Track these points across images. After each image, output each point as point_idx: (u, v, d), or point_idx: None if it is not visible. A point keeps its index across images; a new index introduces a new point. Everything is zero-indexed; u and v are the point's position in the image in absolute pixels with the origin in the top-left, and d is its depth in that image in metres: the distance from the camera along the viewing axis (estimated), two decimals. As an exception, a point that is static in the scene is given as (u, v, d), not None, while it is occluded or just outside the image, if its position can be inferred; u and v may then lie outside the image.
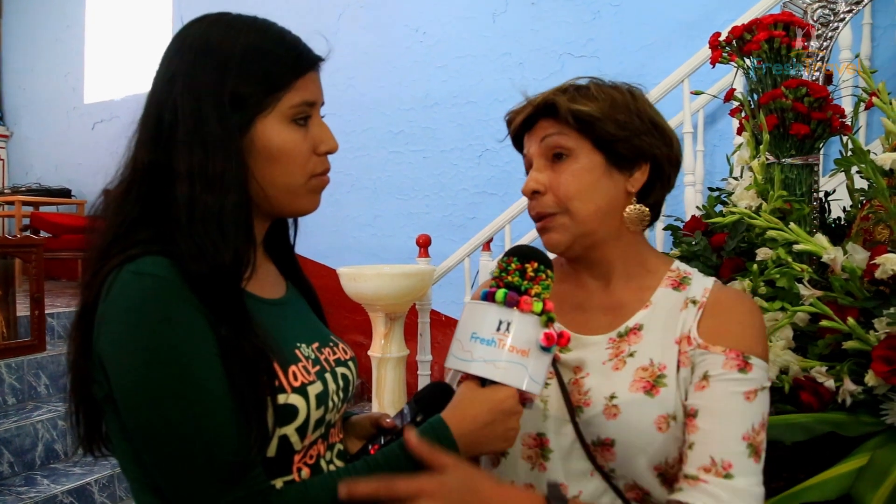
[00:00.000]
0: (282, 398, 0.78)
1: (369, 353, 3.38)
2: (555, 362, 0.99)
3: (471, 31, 4.34)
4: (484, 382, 0.84)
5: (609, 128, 0.95)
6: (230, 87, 0.79)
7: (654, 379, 0.92)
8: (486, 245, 3.74)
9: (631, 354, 0.95)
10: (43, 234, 5.51)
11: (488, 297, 0.85)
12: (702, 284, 0.99)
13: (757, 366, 0.91)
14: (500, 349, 0.82)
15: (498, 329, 0.82)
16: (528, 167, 1.02)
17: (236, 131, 0.80)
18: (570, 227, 0.97)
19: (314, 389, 0.82)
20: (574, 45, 3.98)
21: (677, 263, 1.04)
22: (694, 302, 0.97)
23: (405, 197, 4.59)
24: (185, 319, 0.73)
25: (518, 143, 1.06)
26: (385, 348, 3.32)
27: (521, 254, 0.86)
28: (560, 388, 0.97)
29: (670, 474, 0.91)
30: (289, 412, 0.79)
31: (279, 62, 0.82)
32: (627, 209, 0.99)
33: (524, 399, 0.95)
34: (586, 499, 0.93)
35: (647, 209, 1.00)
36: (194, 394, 0.72)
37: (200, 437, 0.72)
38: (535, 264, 0.85)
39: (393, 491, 0.74)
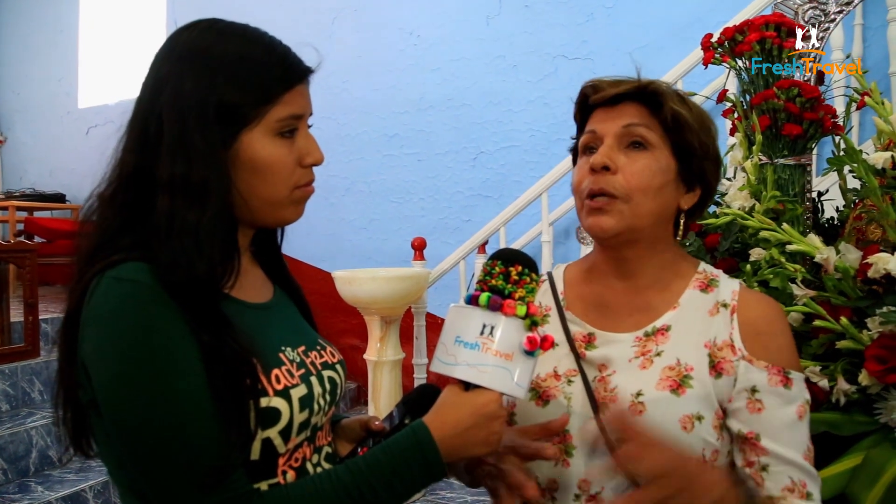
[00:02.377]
0: (264, 401, 0.78)
1: (365, 356, 3.38)
2: (579, 360, 0.99)
3: (465, 33, 4.34)
4: (468, 386, 0.83)
5: (694, 140, 0.96)
6: (217, 98, 0.79)
7: (680, 378, 0.92)
8: (482, 248, 3.75)
9: (658, 354, 0.95)
10: (37, 239, 5.48)
11: (472, 300, 0.84)
12: (729, 287, 0.99)
13: (796, 380, 0.92)
14: (484, 353, 0.81)
15: (482, 333, 0.82)
16: (591, 141, 0.99)
17: (220, 143, 0.79)
18: (626, 217, 0.95)
19: (297, 392, 0.82)
20: (568, 48, 3.99)
21: (703, 265, 1.04)
22: (725, 305, 0.97)
23: (400, 200, 4.58)
24: (165, 324, 0.73)
25: (585, 111, 1.03)
26: (381, 352, 3.31)
27: (506, 257, 0.85)
28: (584, 386, 0.96)
29: None
30: (271, 415, 0.79)
31: (268, 74, 0.81)
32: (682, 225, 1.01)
33: (547, 395, 0.94)
34: (609, 496, 0.93)
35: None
36: (174, 398, 0.72)
37: (180, 441, 0.72)
38: (520, 267, 0.84)
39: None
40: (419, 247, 3.69)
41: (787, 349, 0.95)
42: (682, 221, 1.01)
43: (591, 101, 1.01)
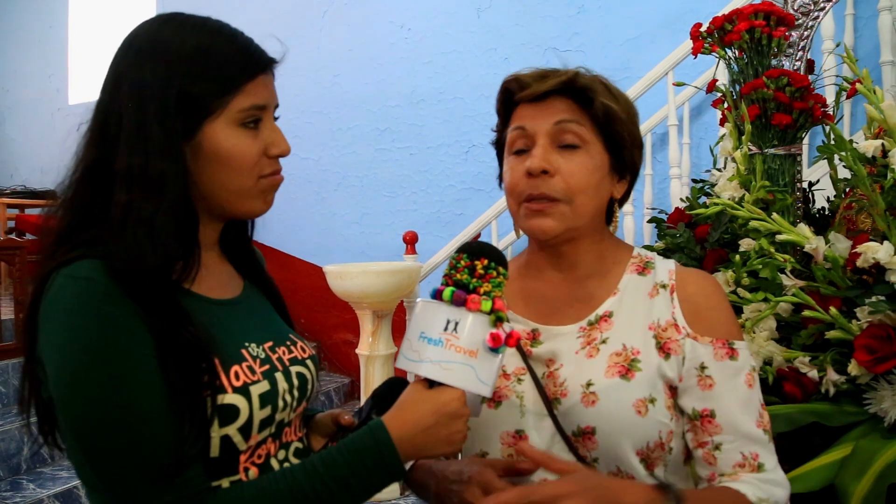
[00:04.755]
0: (221, 398, 0.77)
1: (357, 351, 3.37)
2: (526, 357, 0.97)
3: (456, 26, 4.32)
4: (431, 384, 0.81)
5: (624, 132, 0.96)
6: (176, 89, 0.78)
7: (628, 363, 0.92)
8: (474, 241, 3.73)
9: (603, 341, 0.95)
10: (28, 236, 5.46)
11: (437, 295, 0.82)
12: (665, 267, 1.00)
13: (740, 349, 0.94)
14: (448, 349, 0.79)
15: (446, 329, 0.79)
16: (521, 138, 0.97)
17: (179, 134, 0.78)
18: (568, 219, 0.94)
19: (258, 389, 0.81)
20: (559, 40, 3.97)
21: (638, 249, 1.05)
22: (664, 286, 0.97)
23: (392, 194, 4.57)
24: (118, 322, 0.72)
25: (509, 105, 1.01)
26: (373, 346, 3.30)
27: (472, 250, 0.83)
28: (534, 383, 0.95)
29: (652, 458, 0.91)
30: (229, 412, 0.78)
31: (229, 65, 0.81)
32: (616, 216, 1.02)
33: (498, 396, 0.93)
34: None
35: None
36: (125, 395, 0.72)
37: (133, 438, 0.71)
38: (485, 261, 0.82)
39: (533, 498, 0.76)
40: (411, 241, 3.68)
41: (728, 320, 0.96)
42: (615, 209, 1.02)
43: (516, 99, 0.99)
